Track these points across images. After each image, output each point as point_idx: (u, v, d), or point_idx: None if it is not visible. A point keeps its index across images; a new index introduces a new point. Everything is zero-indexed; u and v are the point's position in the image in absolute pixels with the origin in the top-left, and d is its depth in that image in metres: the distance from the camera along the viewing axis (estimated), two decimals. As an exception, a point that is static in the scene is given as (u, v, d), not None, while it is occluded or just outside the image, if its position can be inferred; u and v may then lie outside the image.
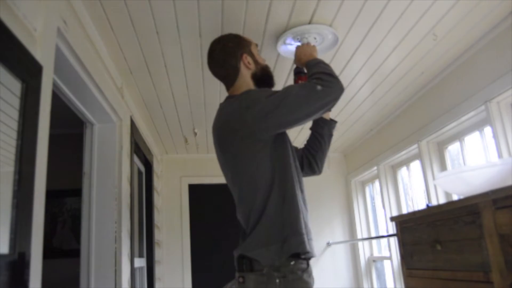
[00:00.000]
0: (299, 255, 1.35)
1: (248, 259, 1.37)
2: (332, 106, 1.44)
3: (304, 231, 1.37)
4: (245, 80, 1.59)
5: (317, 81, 1.42)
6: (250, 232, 1.40)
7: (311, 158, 1.76)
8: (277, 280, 1.31)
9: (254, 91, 1.53)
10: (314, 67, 1.53)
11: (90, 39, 1.75)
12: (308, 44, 1.79)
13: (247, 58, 1.59)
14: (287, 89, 1.44)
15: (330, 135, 1.78)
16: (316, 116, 1.47)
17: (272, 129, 1.43)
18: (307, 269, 1.37)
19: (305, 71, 1.75)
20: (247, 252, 1.37)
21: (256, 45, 1.70)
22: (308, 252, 1.37)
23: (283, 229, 1.36)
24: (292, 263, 1.34)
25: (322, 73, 1.45)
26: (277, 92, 1.45)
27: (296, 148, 1.74)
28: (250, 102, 1.44)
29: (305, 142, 1.81)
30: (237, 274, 1.41)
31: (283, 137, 1.50)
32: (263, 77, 1.63)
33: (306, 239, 1.36)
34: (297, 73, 1.77)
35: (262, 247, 1.35)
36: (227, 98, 1.59)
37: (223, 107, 1.57)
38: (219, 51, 1.61)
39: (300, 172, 1.57)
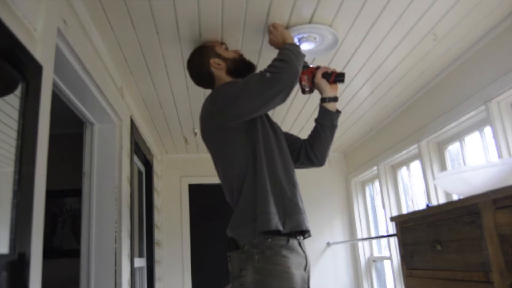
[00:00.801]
0: (279, 232, 1.42)
1: (233, 239, 1.47)
2: (287, 92, 1.49)
3: (271, 210, 1.43)
4: (222, 78, 1.71)
5: (269, 68, 1.49)
6: (233, 213, 1.52)
7: (309, 148, 1.79)
8: (256, 257, 1.39)
9: (222, 85, 1.62)
10: (278, 55, 1.58)
11: (90, 39, 1.75)
12: (273, 28, 1.79)
13: (214, 61, 1.71)
14: (245, 80, 1.55)
15: (333, 126, 1.78)
16: (274, 104, 1.53)
17: (235, 118, 1.52)
18: (286, 245, 1.43)
19: (309, 65, 1.81)
20: (231, 232, 1.49)
21: (221, 43, 1.80)
22: (277, 230, 1.42)
23: (255, 209, 1.44)
24: (270, 240, 1.41)
25: (277, 59, 1.52)
26: (238, 83, 1.55)
27: (297, 139, 1.84)
28: (215, 96, 1.58)
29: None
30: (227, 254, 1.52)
31: (255, 122, 1.56)
32: (237, 67, 1.73)
33: (272, 218, 1.42)
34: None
35: (242, 226, 1.46)
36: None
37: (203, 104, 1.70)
38: (192, 67, 1.80)
39: (285, 153, 1.62)
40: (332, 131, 1.79)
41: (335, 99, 1.78)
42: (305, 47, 1.98)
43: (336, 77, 1.78)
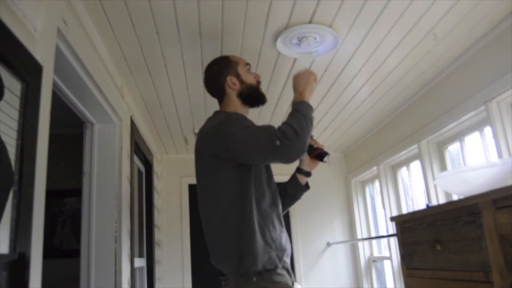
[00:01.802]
0: (262, 270, 1.43)
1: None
2: (289, 162, 1.46)
3: (259, 251, 1.43)
4: (231, 99, 1.67)
5: (281, 134, 1.40)
6: (214, 249, 1.53)
7: (288, 196, 1.80)
8: (254, 278, 1.41)
9: (234, 117, 1.58)
10: (293, 112, 1.51)
11: (90, 39, 1.75)
12: (308, 74, 1.65)
13: (231, 80, 1.66)
14: (254, 129, 1.50)
15: (295, 198, 1.82)
16: (269, 163, 1.58)
17: (232, 157, 1.49)
18: (280, 265, 1.46)
19: (317, 147, 1.77)
20: (216, 264, 1.52)
21: (247, 64, 1.73)
22: (266, 270, 1.43)
23: (238, 248, 1.44)
24: (254, 279, 1.42)
25: (291, 127, 1.42)
26: (247, 127, 1.50)
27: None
28: (224, 126, 1.51)
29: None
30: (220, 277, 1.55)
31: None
32: (249, 95, 1.68)
33: (260, 258, 1.42)
34: (312, 151, 1.76)
35: (225, 261, 1.48)
36: (215, 112, 1.69)
37: (208, 120, 1.66)
38: (208, 74, 1.74)
39: (273, 189, 1.60)
40: (294, 200, 1.82)
41: (307, 174, 1.79)
42: (305, 47, 1.98)
43: (318, 155, 1.75)
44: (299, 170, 1.80)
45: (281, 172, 1.98)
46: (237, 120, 1.55)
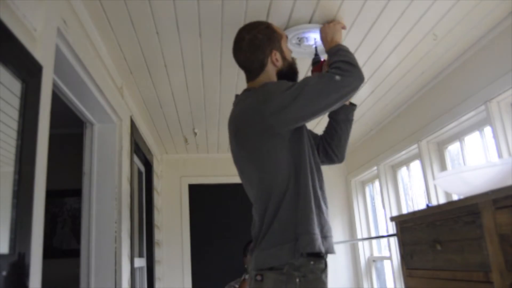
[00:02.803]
0: (318, 254, 1.35)
1: (266, 258, 1.35)
2: (351, 96, 1.41)
3: (315, 230, 1.35)
4: (269, 76, 1.53)
5: (336, 70, 1.37)
6: (266, 231, 1.37)
7: (327, 145, 1.69)
8: (297, 280, 1.29)
9: (271, 83, 1.46)
10: (334, 55, 1.47)
11: (90, 39, 1.75)
12: (333, 23, 1.65)
13: (276, 55, 1.52)
14: (304, 81, 1.39)
15: (348, 121, 1.71)
16: (335, 107, 1.44)
17: (291, 122, 1.39)
18: (325, 269, 1.39)
19: (321, 58, 1.72)
20: (263, 251, 1.36)
21: (287, 37, 1.63)
22: (320, 252, 1.35)
23: (296, 228, 1.34)
24: (312, 262, 1.33)
25: (342, 61, 1.40)
26: (294, 84, 1.40)
27: (315, 136, 1.70)
28: (267, 96, 1.39)
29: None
30: (253, 272, 1.37)
31: (301, 132, 1.45)
32: (288, 73, 1.56)
33: (316, 238, 1.34)
34: (314, 63, 1.73)
35: (277, 245, 1.33)
36: (245, 91, 1.55)
37: (240, 100, 1.53)
38: (248, 42, 1.53)
39: (320, 168, 1.51)
40: (348, 125, 1.71)
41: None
42: (305, 47, 1.98)
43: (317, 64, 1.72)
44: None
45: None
46: (276, 84, 1.45)
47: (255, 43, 1.51)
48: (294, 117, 1.38)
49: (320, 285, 1.34)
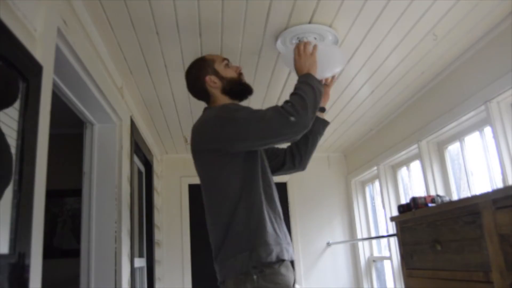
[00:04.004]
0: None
1: (224, 271, 1.44)
2: (300, 135, 1.45)
3: (272, 241, 1.41)
4: (217, 97, 1.66)
5: (291, 108, 1.40)
6: (221, 245, 1.45)
7: (296, 152, 1.79)
8: (255, 276, 1.36)
9: (231, 107, 1.54)
10: (299, 85, 1.53)
11: (90, 39, 1.75)
12: (311, 54, 1.68)
13: (210, 78, 1.65)
14: (261, 114, 1.45)
15: (320, 134, 1.79)
16: (282, 143, 1.50)
17: (242, 148, 1.48)
18: (283, 263, 1.41)
19: None
20: (221, 263, 1.45)
21: (223, 59, 1.71)
22: (280, 260, 1.40)
23: (249, 240, 1.40)
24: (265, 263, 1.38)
25: (302, 99, 1.43)
26: (252, 113, 1.47)
27: (277, 150, 1.82)
28: (225, 119, 1.48)
29: None
30: (218, 278, 1.48)
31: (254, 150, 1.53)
32: (233, 88, 1.67)
33: (275, 248, 1.40)
34: None
35: (232, 257, 1.41)
36: (205, 109, 1.69)
37: (201, 116, 1.64)
38: (190, 80, 1.73)
39: (270, 183, 1.57)
40: (319, 138, 1.80)
41: (323, 109, 1.83)
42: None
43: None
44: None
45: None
46: (236, 110, 1.51)
47: (192, 78, 1.72)
48: (245, 146, 1.47)
49: (279, 278, 1.37)
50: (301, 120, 1.39)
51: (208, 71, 1.66)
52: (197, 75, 1.68)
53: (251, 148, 1.49)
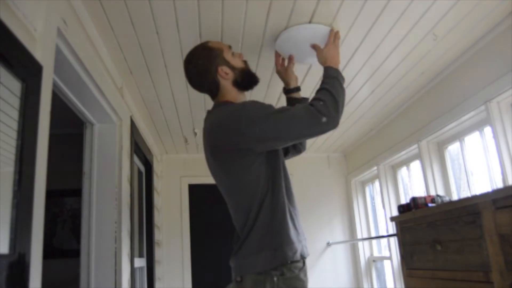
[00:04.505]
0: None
1: (244, 265, 1.41)
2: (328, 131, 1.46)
3: (295, 238, 1.41)
4: (227, 89, 1.57)
5: (323, 108, 1.39)
6: (244, 241, 1.42)
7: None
8: (275, 278, 1.33)
9: (252, 105, 1.47)
10: (330, 80, 1.53)
11: (90, 39, 1.75)
12: (335, 44, 1.71)
13: (223, 70, 1.55)
14: (291, 113, 1.42)
15: None
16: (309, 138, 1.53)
17: (270, 148, 1.46)
18: (303, 268, 1.41)
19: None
20: (241, 259, 1.42)
21: (229, 47, 1.63)
22: (303, 257, 1.41)
23: (274, 237, 1.38)
24: (289, 261, 1.37)
25: (333, 99, 1.44)
26: (277, 112, 1.43)
27: None
28: (252, 118, 1.41)
29: None
30: (233, 274, 1.43)
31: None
32: (244, 79, 1.60)
33: (298, 246, 1.40)
34: None
35: (254, 254, 1.38)
36: (216, 106, 1.59)
37: (214, 114, 1.56)
38: (194, 73, 1.59)
39: (289, 178, 1.56)
40: None
41: (298, 89, 1.86)
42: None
43: None
44: (290, 90, 1.84)
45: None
46: (259, 108, 1.45)
47: (200, 70, 1.57)
48: (273, 145, 1.45)
49: (298, 283, 1.36)
50: (332, 121, 1.40)
51: (219, 61, 1.55)
52: (207, 67, 1.55)
53: (279, 146, 1.48)
